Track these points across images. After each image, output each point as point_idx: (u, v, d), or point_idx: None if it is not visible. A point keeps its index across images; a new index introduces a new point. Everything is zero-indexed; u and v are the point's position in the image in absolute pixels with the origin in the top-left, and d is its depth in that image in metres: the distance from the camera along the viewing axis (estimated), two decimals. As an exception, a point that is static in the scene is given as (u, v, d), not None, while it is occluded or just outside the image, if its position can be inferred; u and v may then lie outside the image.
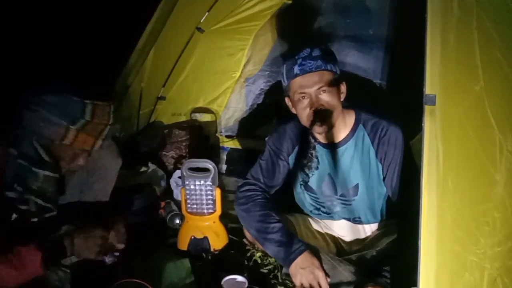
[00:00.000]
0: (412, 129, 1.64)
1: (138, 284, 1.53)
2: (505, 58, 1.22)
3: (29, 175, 1.51)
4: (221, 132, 3.07)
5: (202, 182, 1.95)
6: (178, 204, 2.27)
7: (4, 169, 1.48)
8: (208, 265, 1.89)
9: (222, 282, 1.64)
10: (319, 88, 1.62)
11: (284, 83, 1.71)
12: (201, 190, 1.96)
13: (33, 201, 1.53)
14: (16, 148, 1.50)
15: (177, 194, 2.42)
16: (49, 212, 1.59)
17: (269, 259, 1.83)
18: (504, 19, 1.25)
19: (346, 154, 1.75)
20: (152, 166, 2.69)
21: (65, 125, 1.48)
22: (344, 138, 1.74)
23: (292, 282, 1.63)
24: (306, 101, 1.64)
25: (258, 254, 1.87)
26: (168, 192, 2.52)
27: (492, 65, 1.22)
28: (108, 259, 1.67)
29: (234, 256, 1.93)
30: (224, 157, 3.03)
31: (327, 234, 1.93)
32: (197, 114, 3.02)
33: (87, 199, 1.82)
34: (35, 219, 1.57)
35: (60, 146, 1.52)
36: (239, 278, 1.65)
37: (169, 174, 2.60)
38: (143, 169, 2.64)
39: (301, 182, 1.86)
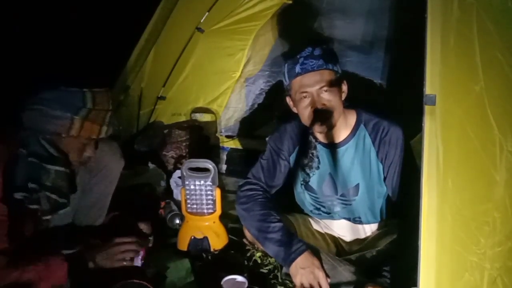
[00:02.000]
0: (412, 129, 1.64)
1: (138, 284, 1.53)
2: (505, 58, 1.22)
3: (42, 172, 1.52)
4: (221, 132, 3.07)
5: (202, 182, 1.95)
6: (178, 204, 2.27)
7: (10, 172, 1.48)
8: (208, 265, 1.89)
9: (222, 282, 1.64)
10: (320, 88, 1.62)
11: (286, 82, 1.71)
12: (201, 190, 1.96)
13: (46, 198, 1.54)
14: (24, 148, 1.51)
15: (177, 194, 2.42)
16: (63, 207, 1.61)
17: (269, 259, 1.83)
18: (504, 19, 1.25)
19: (347, 154, 1.75)
20: (152, 166, 2.69)
21: (70, 117, 1.49)
22: (345, 138, 1.74)
23: (292, 282, 1.63)
24: (307, 100, 1.64)
25: (258, 254, 1.87)
26: (168, 192, 2.52)
27: (492, 65, 1.22)
28: (139, 262, 1.69)
29: (234, 256, 1.93)
30: (224, 157, 3.03)
31: (327, 234, 1.93)
32: (197, 114, 3.02)
33: (89, 199, 1.83)
34: (49, 217, 1.58)
35: (68, 139, 1.53)
36: (239, 278, 1.65)
37: (169, 174, 2.60)
38: (143, 169, 2.64)
39: (302, 182, 1.86)
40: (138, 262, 1.69)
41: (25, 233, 1.56)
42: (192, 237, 1.96)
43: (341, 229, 1.90)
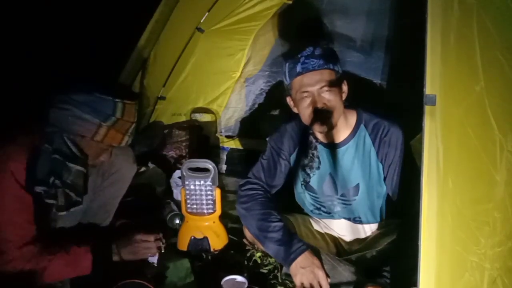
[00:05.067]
0: (412, 129, 1.64)
1: (139, 284, 1.54)
2: (506, 58, 1.22)
3: (63, 170, 1.57)
4: (221, 132, 3.07)
5: (202, 182, 1.95)
6: (178, 204, 2.27)
7: (33, 166, 1.52)
8: (208, 265, 1.89)
9: (222, 282, 1.64)
10: (321, 87, 1.62)
11: (286, 81, 1.71)
12: (201, 190, 1.96)
13: (64, 194, 1.58)
14: (49, 145, 1.55)
15: (177, 194, 2.42)
16: (76, 205, 1.66)
17: (269, 259, 1.83)
18: (504, 19, 1.25)
19: (347, 154, 1.75)
20: (152, 166, 2.69)
21: (98, 122, 1.54)
22: (345, 138, 1.74)
23: (292, 282, 1.63)
24: (308, 100, 1.64)
25: (258, 254, 1.87)
26: (168, 192, 2.52)
27: (492, 65, 1.22)
28: (155, 260, 1.80)
29: (234, 256, 1.93)
30: (224, 157, 3.03)
31: (327, 234, 1.93)
32: (197, 114, 3.02)
33: (98, 201, 1.87)
34: (63, 213, 1.62)
35: (90, 143, 1.58)
36: (239, 278, 1.66)
37: (169, 174, 2.60)
38: (143, 169, 2.64)
39: (302, 182, 1.86)
40: (154, 260, 1.79)
41: (40, 226, 1.61)
42: (192, 237, 1.96)
43: (341, 229, 1.90)
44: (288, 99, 1.75)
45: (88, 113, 1.52)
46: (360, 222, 1.84)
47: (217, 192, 1.96)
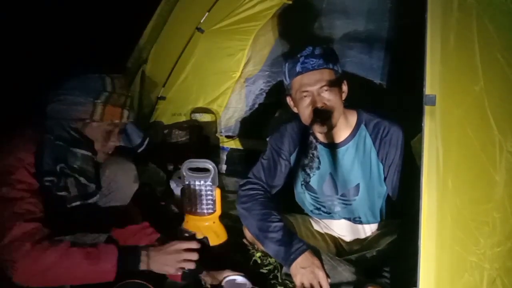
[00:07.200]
0: (412, 129, 1.64)
1: (139, 284, 1.53)
2: (505, 58, 1.22)
3: (68, 155, 1.54)
4: (221, 132, 3.07)
5: (202, 182, 1.95)
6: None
7: (40, 159, 1.50)
8: (208, 265, 1.89)
9: (222, 283, 1.64)
10: (321, 87, 1.62)
11: (286, 81, 1.71)
12: (201, 190, 1.96)
13: (75, 182, 1.55)
14: (51, 134, 1.54)
15: (177, 194, 2.42)
16: (93, 195, 1.61)
17: (269, 259, 1.84)
18: (504, 20, 1.25)
19: (348, 154, 1.75)
20: (152, 166, 2.69)
21: (92, 101, 1.53)
22: (345, 138, 1.74)
23: (292, 282, 1.63)
24: (308, 100, 1.65)
25: (258, 254, 1.87)
26: (168, 192, 2.52)
27: (492, 66, 1.22)
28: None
29: (234, 256, 1.93)
30: (224, 157, 3.03)
31: (327, 234, 1.93)
32: (197, 114, 3.02)
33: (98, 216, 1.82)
34: (77, 203, 1.57)
35: (92, 125, 1.57)
36: (239, 278, 1.66)
37: (169, 174, 2.60)
38: (143, 169, 2.64)
39: (302, 182, 1.86)
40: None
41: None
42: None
43: (341, 229, 1.90)
44: (288, 99, 1.76)
45: (80, 95, 1.52)
46: (360, 222, 1.84)
47: (217, 192, 1.96)
